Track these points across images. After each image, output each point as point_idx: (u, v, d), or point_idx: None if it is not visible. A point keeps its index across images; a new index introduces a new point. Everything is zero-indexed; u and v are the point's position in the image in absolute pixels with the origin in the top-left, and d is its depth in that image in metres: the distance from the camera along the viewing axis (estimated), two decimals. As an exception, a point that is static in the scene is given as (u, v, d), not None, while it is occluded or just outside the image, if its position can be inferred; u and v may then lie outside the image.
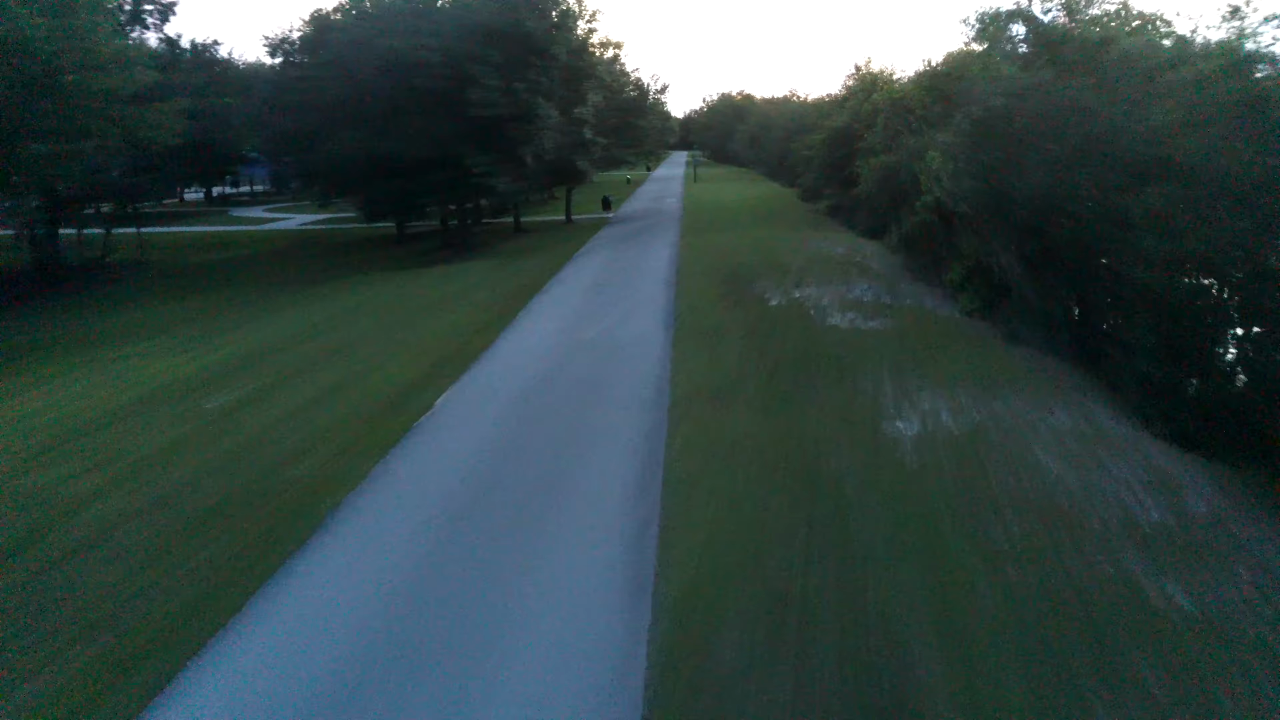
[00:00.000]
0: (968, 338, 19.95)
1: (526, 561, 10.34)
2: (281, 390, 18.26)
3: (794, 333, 21.02)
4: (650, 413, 15.43)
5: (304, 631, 9.11)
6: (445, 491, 12.47)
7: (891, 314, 22.78)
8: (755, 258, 33.13)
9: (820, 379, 17.04)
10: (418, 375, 18.85)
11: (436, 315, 25.77)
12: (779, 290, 26.47)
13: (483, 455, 13.77)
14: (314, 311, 28.33)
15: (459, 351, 20.83)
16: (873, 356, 18.46)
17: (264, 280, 38.46)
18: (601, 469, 12.99)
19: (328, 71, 37.76)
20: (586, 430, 14.72)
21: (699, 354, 19.21)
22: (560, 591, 9.63)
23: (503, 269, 34.73)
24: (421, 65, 34.31)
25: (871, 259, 31.75)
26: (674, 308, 24.69)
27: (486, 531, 11.19)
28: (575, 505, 11.82)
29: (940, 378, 16.85)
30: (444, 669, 8.36)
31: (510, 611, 9.28)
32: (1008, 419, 14.38)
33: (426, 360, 20.12)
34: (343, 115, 36.72)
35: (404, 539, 11.07)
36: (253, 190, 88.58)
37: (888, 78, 42.02)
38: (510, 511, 11.71)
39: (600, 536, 10.88)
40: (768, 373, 17.58)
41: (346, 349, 21.92)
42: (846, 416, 14.91)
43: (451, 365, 19.51)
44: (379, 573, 10.22)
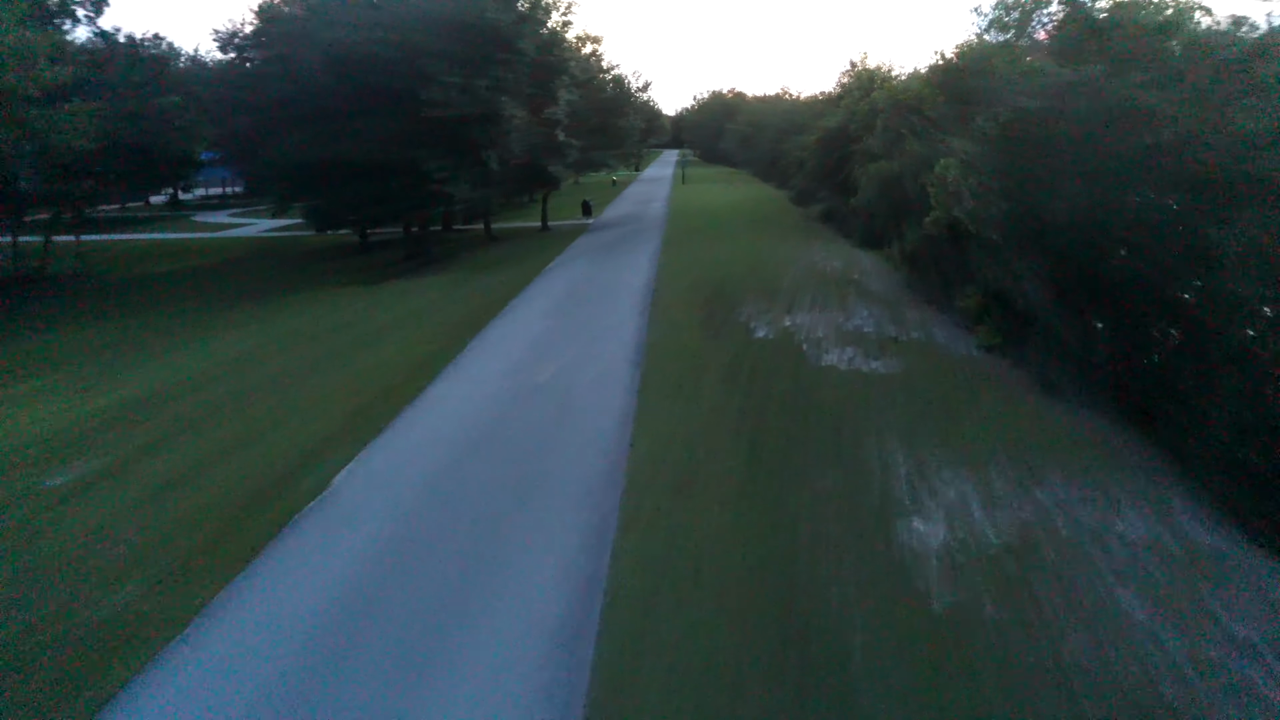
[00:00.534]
0: (991, 384, 16.60)
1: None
2: (153, 458, 14.82)
3: (783, 377, 17.66)
4: (595, 509, 12.03)
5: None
6: (300, 640, 9.07)
7: (897, 350, 19.43)
8: (741, 274, 29.75)
9: (814, 448, 13.67)
10: (327, 434, 15.43)
11: (374, 347, 22.33)
12: (767, 316, 23.10)
13: (361, 581, 10.35)
14: (244, 338, 24.87)
15: (385, 399, 17.41)
16: (878, 412, 15.11)
17: (206, 297, 34.96)
18: (517, 607, 9.60)
19: (271, 68, 34.26)
20: (512, 537, 11.33)
21: (667, 409, 15.83)
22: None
23: (463, 285, 31.31)
24: (372, 61, 30.86)
25: (871, 276, 28.39)
26: (645, 339, 21.30)
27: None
28: (468, 679, 8.43)
29: (964, 446, 13.51)
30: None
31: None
32: (1061, 521, 11.04)
33: (344, 411, 16.69)
34: (286, 116, 33.21)
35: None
36: (225, 193, 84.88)
37: (886, 75, 38.68)
38: (375, 687, 8.31)
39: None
40: (749, 438, 14.20)
41: (260, 392, 18.50)
42: (848, 511, 11.55)
43: (371, 420, 16.09)
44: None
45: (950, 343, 20.03)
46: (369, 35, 30.76)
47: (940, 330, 21.15)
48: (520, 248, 41.20)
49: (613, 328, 22.64)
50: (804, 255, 33.35)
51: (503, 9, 32.79)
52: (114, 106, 38.55)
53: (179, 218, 69.28)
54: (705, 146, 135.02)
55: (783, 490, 12.21)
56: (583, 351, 20.47)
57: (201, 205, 78.40)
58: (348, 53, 30.66)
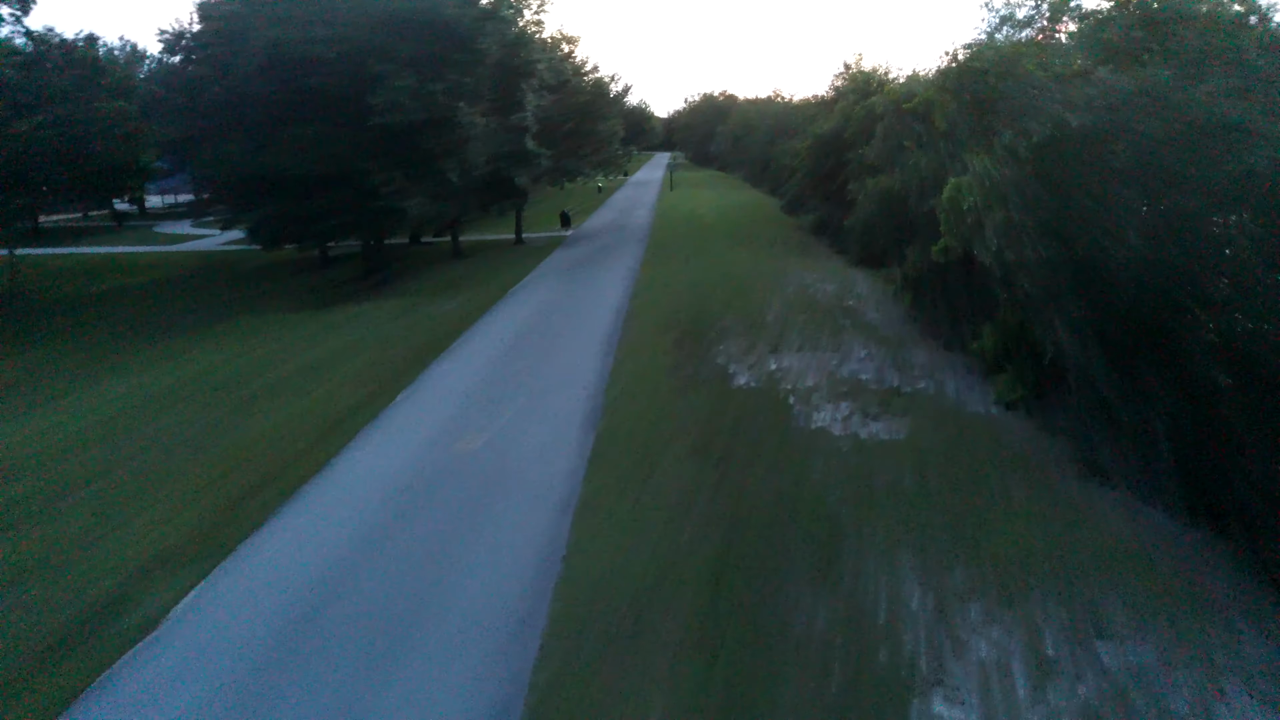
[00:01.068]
0: (1019, 461, 13.43)
1: None
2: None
3: (765, 448, 14.48)
4: (493, 677, 8.82)
5: None
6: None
7: (903, 406, 16.28)
8: (723, 300, 26.58)
9: (802, 570, 10.48)
10: (173, 544, 12.06)
11: (290, 396, 19.09)
12: (749, 358, 19.93)
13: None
14: (144, 383, 21.54)
15: (273, 479, 14.17)
16: (883, 510, 11.93)
17: (135, 322, 31.64)
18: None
19: (205, 71, 31.00)
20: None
21: (617, 506, 12.62)
22: None
23: (413, 312, 28.06)
24: (313, 62, 27.59)
25: (869, 304, 25.25)
26: (606, 390, 18.10)
27: None
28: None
29: (994, 565, 10.35)
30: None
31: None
32: (1141, 702, 7.88)
33: (214, 503, 13.42)
34: (222, 123, 29.95)
35: None
36: (177, 203, 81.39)
37: (884, 77, 35.58)
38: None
39: None
40: (717, 551, 11.01)
41: (114, 470, 15.15)
42: (844, 685, 8.37)
43: (243, 515, 12.86)
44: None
45: (964, 395, 16.90)
46: (308, 34, 27.51)
47: (951, 378, 18.01)
48: (487, 264, 37.94)
49: (570, 374, 19.43)
50: (794, 276, 30.20)
51: (462, 5, 29.57)
52: (47, 113, 35.18)
53: (140, 228, 65.80)
54: (696, 149, 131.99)
55: (759, 645, 9.02)
56: (530, 407, 17.25)
57: (166, 214, 74.91)
58: (283, 54, 27.40)
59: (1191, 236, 10.16)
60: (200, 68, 32.05)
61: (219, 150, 29.66)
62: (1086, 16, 13.33)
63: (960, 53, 14.91)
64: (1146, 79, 10.19)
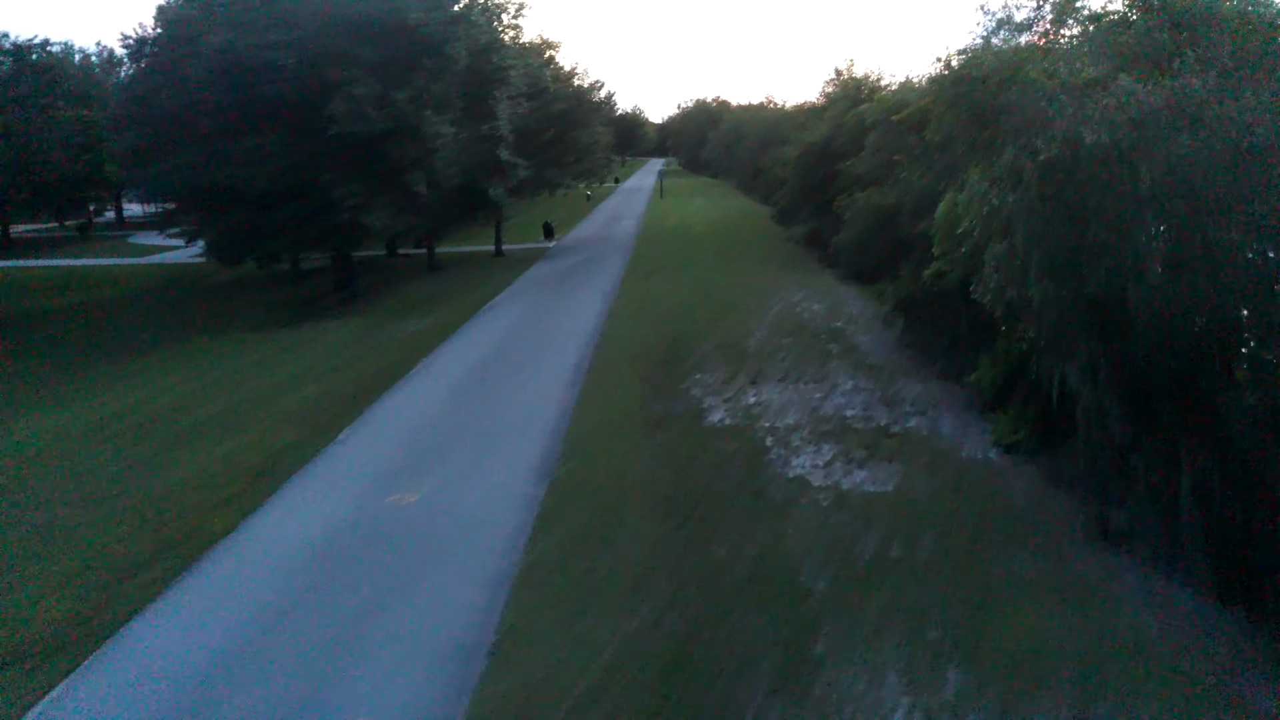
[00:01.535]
0: (1025, 523, 11.78)
1: None
2: None
3: (738, 503, 12.84)
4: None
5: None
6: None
7: (891, 450, 14.66)
8: (705, 321, 24.99)
9: (766, 672, 8.81)
10: (37, 633, 10.26)
11: (221, 435, 17.39)
12: (726, 391, 18.30)
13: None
14: (73, 415, 19.82)
15: (179, 541, 12.47)
16: (866, 588, 10.27)
17: (87, 342, 29.91)
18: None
19: (158, 78, 29.39)
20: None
21: (564, 572, 10.96)
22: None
23: (376, 333, 26.39)
24: (269, 69, 25.97)
25: (858, 327, 23.66)
26: (566, 431, 16.44)
27: None
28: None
29: (1002, 672, 8.69)
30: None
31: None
32: None
33: (102, 575, 11.65)
34: (172, 133, 28.30)
35: None
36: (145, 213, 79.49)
37: (875, 84, 34.03)
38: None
39: None
40: (673, 647, 9.32)
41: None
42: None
43: (130, 591, 11.14)
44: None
45: (959, 436, 15.28)
46: (264, 39, 25.88)
47: (946, 414, 16.40)
48: (462, 279, 36.28)
49: (530, 410, 17.77)
50: (781, 294, 28.61)
51: (429, 9, 27.97)
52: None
53: (116, 238, 63.98)
54: (689, 155, 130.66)
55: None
56: (481, 451, 15.58)
57: (144, 224, 73.06)
58: (237, 60, 25.76)
59: (1228, 273, 8.54)
60: (153, 75, 30.40)
61: (171, 162, 28.01)
62: (1096, 19, 11.68)
63: (955, 58, 13.26)
64: (1177, 90, 8.57)
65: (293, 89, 26.33)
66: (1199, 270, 8.64)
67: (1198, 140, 8.42)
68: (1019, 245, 9.75)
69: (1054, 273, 9.42)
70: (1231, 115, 8.35)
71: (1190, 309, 8.70)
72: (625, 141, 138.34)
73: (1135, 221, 9.01)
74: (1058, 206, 9.72)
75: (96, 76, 54.71)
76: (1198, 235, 8.64)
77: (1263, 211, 8.25)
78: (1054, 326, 9.86)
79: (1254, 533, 9.99)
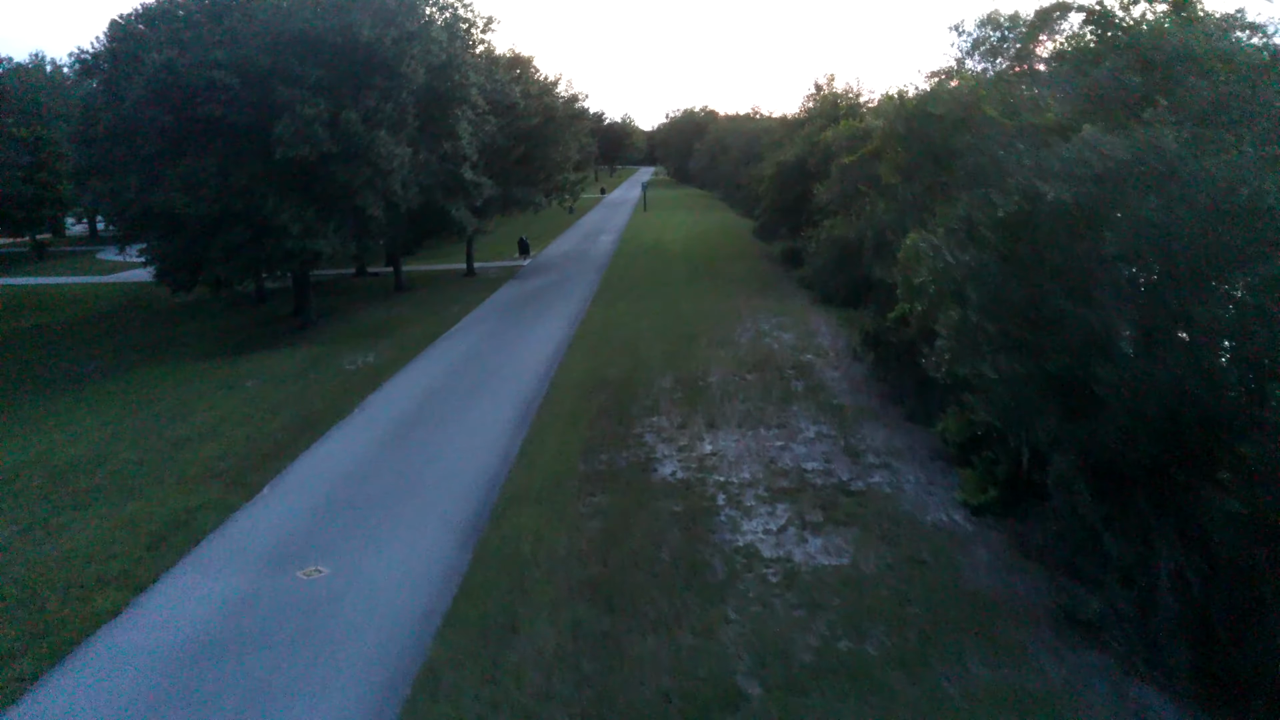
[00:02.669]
0: (987, 608, 10.60)
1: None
2: None
3: (677, 578, 11.62)
4: None
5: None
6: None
7: (850, 511, 13.49)
8: (668, 351, 23.84)
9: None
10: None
11: (130, 490, 16.08)
12: (680, 438, 17.12)
13: None
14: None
15: (44, 636, 11.15)
16: (810, 698, 9.07)
17: (21, 374, 28.55)
18: None
19: (99, 97, 28.16)
20: None
21: (466, 679, 9.70)
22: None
23: (322, 365, 25.08)
24: (212, 88, 24.72)
25: (827, 360, 22.53)
26: (502, 485, 15.22)
27: None
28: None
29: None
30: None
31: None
32: None
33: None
34: (112, 154, 27.02)
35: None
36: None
37: (854, 101, 33.04)
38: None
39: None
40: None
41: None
42: None
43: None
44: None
45: (924, 494, 14.13)
46: (206, 57, 24.64)
47: (911, 466, 15.26)
48: (426, 302, 35.03)
49: (469, 459, 16.57)
50: (750, 321, 27.47)
51: (380, 26, 26.77)
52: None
53: (82, 253, 62.40)
54: (676, 165, 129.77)
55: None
56: (408, 512, 14.34)
57: (112, 239, 71.42)
58: (178, 78, 24.51)
59: (1207, 353, 7.40)
60: (99, 93, 29.16)
61: (109, 184, 26.73)
62: (1065, 54, 10.59)
63: (910, 90, 12.15)
64: (1148, 142, 7.45)
65: (236, 110, 25.09)
66: (1173, 348, 7.50)
67: (1170, 199, 7.28)
68: (972, 314, 8.58)
69: (1010, 349, 8.27)
70: (1210, 172, 7.22)
71: (1164, 392, 7.56)
72: (613, 151, 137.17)
73: (1100, 290, 7.86)
74: (1015, 267, 8.56)
75: (65, 89, 53.25)
76: (1171, 308, 7.51)
77: (1247, 283, 7.12)
78: (1008, 407, 8.70)
79: (1239, 631, 8.88)
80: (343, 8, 26.50)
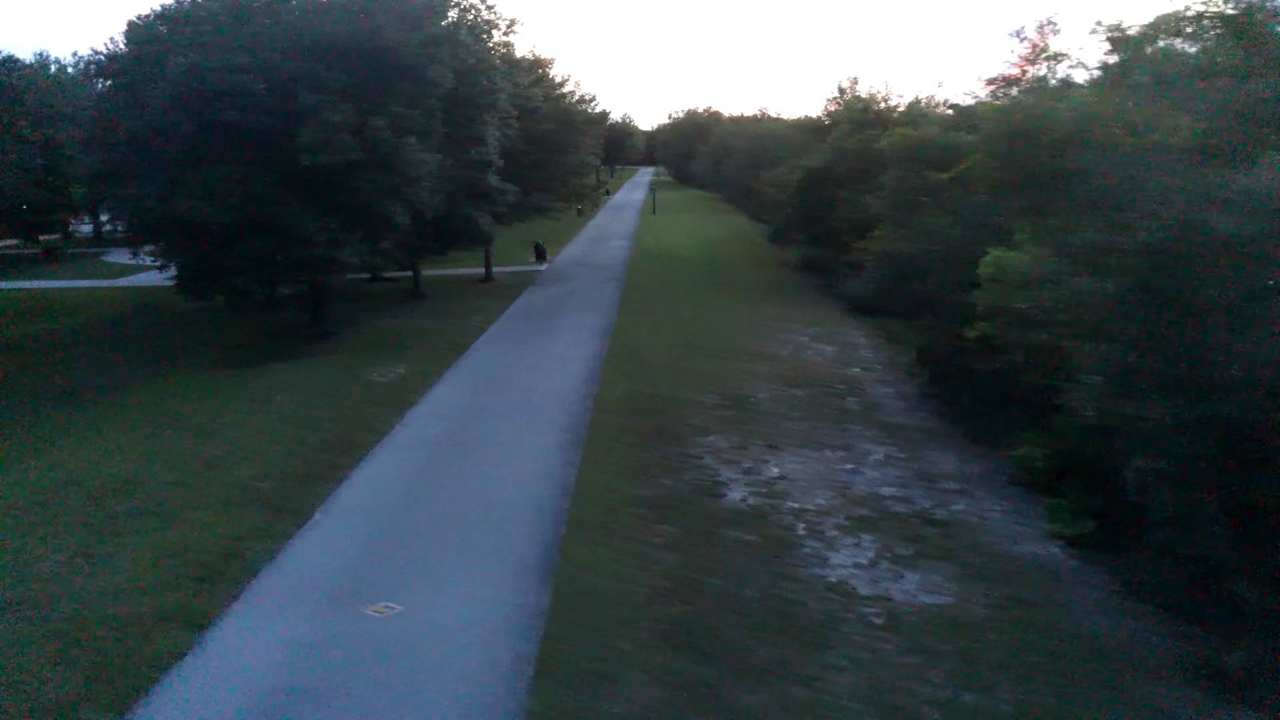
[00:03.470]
0: (1118, 660, 10.04)
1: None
2: None
3: (768, 628, 11.01)
4: None
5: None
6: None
7: (940, 545, 12.95)
8: (710, 368, 23.29)
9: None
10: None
11: (164, 521, 15.32)
12: (742, 460, 16.56)
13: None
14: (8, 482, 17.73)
15: (106, 681, 10.46)
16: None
17: (33, 384, 27.58)
18: None
19: (119, 99, 27.38)
20: None
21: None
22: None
23: (347, 381, 24.10)
24: (235, 94, 23.98)
25: (874, 375, 22.01)
26: (560, 512, 14.57)
27: None
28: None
29: None
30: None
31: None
32: None
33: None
34: (132, 160, 26.27)
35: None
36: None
37: (884, 106, 32.52)
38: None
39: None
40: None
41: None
42: None
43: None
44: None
45: (1011, 524, 13.61)
46: (229, 62, 23.91)
47: (990, 494, 14.74)
48: (446, 311, 34.25)
49: (524, 488, 15.89)
50: (786, 333, 26.98)
51: (408, 28, 26.09)
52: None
53: (89, 255, 61.26)
54: (678, 167, 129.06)
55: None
56: (474, 542, 13.68)
57: (119, 240, 70.19)
58: (201, 84, 23.77)
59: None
60: (117, 96, 28.38)
61: (130, 191, 25.98)
62: (1195, 68, 10.03)
63: (1011, 105, 11.56)
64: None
65: (260, 116, 24.34)
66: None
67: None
68: (1121, 350, 8.01)
69: (1168, 390, 7.70)
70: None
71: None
72: (615, 152, 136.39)
73: (1275, 329, 7.30)
74: (1163, 302, 7.99)
75: (69, 90, 52.28)
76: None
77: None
78: (1179, 457, 8.13)
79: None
80: (368, 11, 25.78)
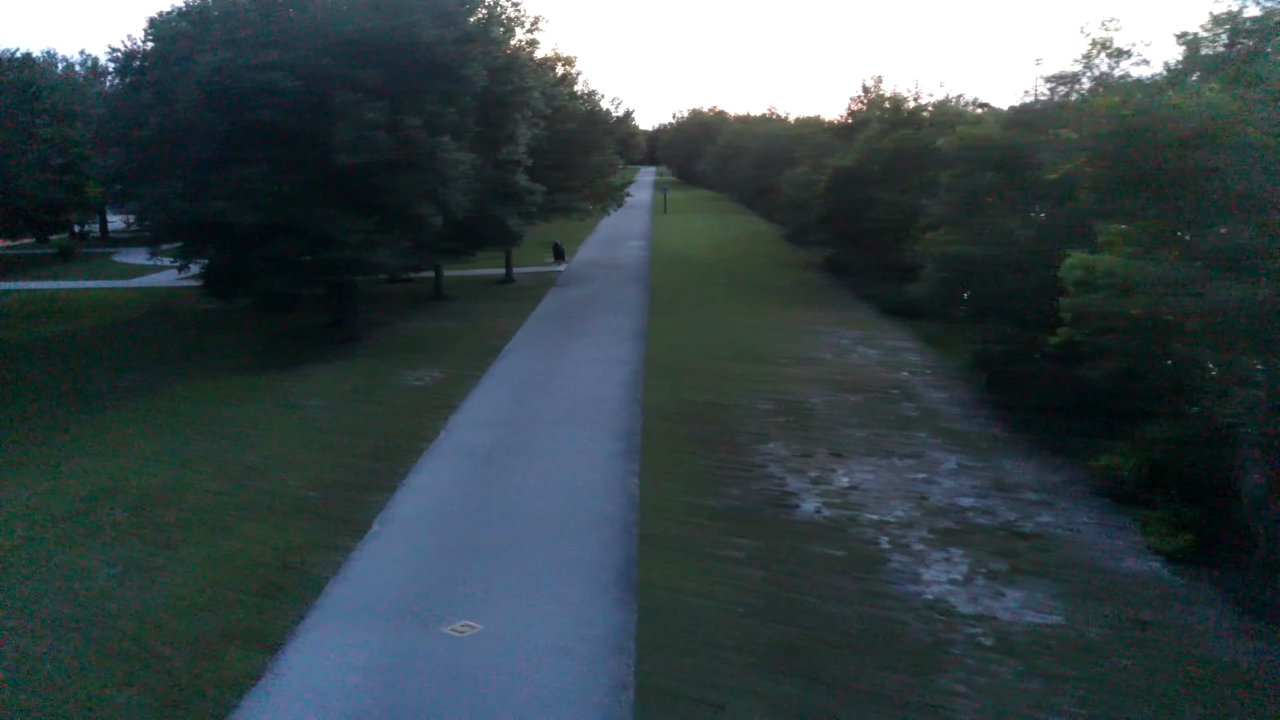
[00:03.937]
0: (1265, 692, 9.52)
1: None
2: None
3: (873, 649, 10.47)
4: None
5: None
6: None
7: (1035, 559, 12.44)
8: (750, 371, 22.80)
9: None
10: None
11: (216, 532, 14.79)
12: (809, 469, 16.03)
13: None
14: (35, 496, 17.01)
15: (180, 705, 9.90)
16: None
17: (55, 387, 26.96)
18: None
19: (145, 97, 26.76)
20: None
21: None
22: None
23: (381, 385, 23.53)
24: (266, 92, 23.35)
25: (925, 379, 21.51)
26: (630, 525, 14.02)
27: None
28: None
29: None
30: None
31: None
32: None
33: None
34: (158, 159, 25.67)
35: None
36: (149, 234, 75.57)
37: (917, 105, 32.07)
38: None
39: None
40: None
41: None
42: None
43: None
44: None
45: (1104, 537, 13.10)
46: (260, 59, 23.30)
47: (1076, 505, 14.21)
48: (471, 313, 33.69)
49: (589, 498, 15.36)
50: (824, 335, 26.52)
51: (441, 24, 25.51)
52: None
53: (100, 255, 60.50)
54: (682, 166, 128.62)
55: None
56: (546, 556, 13.14)
57: (129, 240, 69.42)
58: (230, 82, 23.16)
59: None
60: (142, 94, 27.75)
61: (156, 190, 25.38)
62: None
63: (1123, 101, 11.04)
64: None
65: (291, 115, 23.73)
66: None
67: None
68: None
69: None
70: None
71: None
72: (621, 151, 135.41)
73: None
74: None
75: (79, 88, 51.57)
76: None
77: None
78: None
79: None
80: (401, 7, 25.20)
